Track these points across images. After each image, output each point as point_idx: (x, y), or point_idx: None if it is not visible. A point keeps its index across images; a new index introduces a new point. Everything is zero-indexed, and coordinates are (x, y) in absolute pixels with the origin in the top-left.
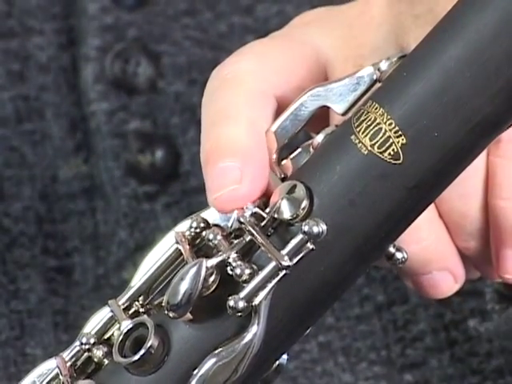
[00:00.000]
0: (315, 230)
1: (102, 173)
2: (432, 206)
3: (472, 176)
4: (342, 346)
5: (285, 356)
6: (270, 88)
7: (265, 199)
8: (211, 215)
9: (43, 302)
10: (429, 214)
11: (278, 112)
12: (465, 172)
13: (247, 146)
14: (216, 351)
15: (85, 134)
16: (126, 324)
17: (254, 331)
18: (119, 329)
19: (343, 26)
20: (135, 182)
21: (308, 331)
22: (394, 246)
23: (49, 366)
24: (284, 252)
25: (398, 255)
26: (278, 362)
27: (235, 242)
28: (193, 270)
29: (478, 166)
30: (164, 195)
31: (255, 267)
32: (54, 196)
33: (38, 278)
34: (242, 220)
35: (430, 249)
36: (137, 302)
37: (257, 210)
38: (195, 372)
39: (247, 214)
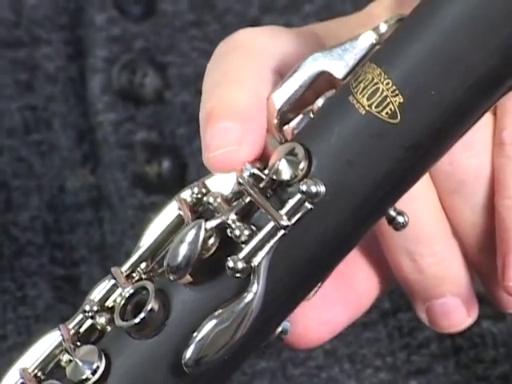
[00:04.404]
0: (313, 189)
1: (108, 183)
2: (446, 223)
3: (480, 184)
4: (348, 353)
5: (288, 322)
6: (279, 66)
7: (263, 163)
8: (213, 182)
9: (51, 309)
10: (443, 230)
11: None
12: (473, 183)
13: (249, 109)
14: (216, 313)
15: (92, 144)
16: (128, 289)
17: (254, 291)
18: (121, 294)
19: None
20: (142, 192)
21: (312, 295)
22: (394, 210)
23: (53, 336)
24: (282, 212)
25: (399, 219)
26: (281, 328)
27: (234, 203)
28: (192, 232)
29: (485, 173)
30: None
31: (254, 228)
32: (61, 206)
33: (46, 285)
34: (241, 181)
35: (445, 264)
36: (139, 269)
37: (255, 171)
38: (195, 334)
39: (246, 174)
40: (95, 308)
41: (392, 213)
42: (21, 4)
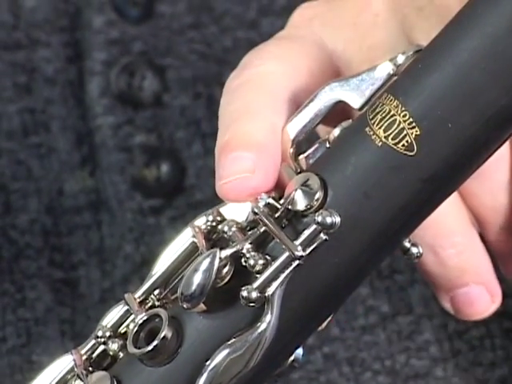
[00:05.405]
0: (328, 220)
1: (107, 187)
2: (464, 212)
3: (499, 168)
4: (347, 357)
5: (300, 351)
6: (291, 92)
7: (279, 192)
8: (228, 211)
9: (50, 311)
10: (462, 220)
11: None
12: (491, 166)
13: (263, 139)
14: (229, 342)
15: (90, 147)
16: (141, 316)
17: (267, 321)
18: (134, 321)
19: (348, 25)
20: (140, 196)
21: (324, 325)
22: (409, 241)
23: (65, 360)
24: (297, 242)
25: (414, 250)
26: (293, 357)
27: (249, 233)
28: (206, 261)
29: (503, 157)
30: (169, 209)
31: (269, 258)
32: (60, 209)
33: (45, 288)
34: (256, 211)
35: (466, 255)
36: (153, 296)
37: (271, 200)
38: (208, 363)
39: (261, 204)
40: (108, 334)
41: (407, 244)
42: (19, 6)
